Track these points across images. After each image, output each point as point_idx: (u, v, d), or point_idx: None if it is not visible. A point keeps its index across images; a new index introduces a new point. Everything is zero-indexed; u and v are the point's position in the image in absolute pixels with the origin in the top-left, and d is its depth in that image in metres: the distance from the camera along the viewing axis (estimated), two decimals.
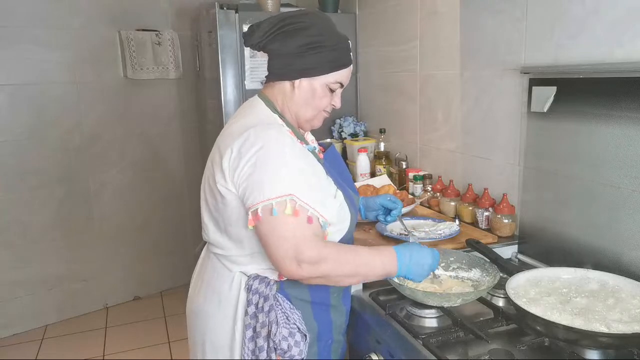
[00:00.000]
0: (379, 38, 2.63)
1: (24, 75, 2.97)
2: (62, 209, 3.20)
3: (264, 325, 1.12)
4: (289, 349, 1.13)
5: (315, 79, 1.18)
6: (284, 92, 1.21)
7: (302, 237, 1.05)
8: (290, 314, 1.15)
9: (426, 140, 2.29)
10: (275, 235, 1.06)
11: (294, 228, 1.05)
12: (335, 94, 1.23)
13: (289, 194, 1.05)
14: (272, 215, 1.04)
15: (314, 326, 1.21)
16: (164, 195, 3.55)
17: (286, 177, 1.06)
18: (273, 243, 1.06)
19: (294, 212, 1.05)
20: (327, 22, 1.20)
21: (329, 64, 1.18)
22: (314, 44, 1.15)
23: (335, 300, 1.27)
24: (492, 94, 1.82)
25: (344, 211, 1.19)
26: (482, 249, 1.50)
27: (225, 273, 1.20)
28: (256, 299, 1.14)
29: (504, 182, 1.77)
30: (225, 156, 1.11)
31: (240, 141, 1.10)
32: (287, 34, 1.15)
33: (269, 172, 1.06)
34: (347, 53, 1.22)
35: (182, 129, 3.53)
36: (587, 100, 1.38)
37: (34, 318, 3.18)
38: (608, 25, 1.34)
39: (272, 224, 1.05)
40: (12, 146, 3.00)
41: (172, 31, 3.38)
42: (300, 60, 1.16)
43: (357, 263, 1.12)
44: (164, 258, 3.60)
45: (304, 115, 1.22)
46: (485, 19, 1.80)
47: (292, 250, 1.05)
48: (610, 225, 1.34)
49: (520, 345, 1.09)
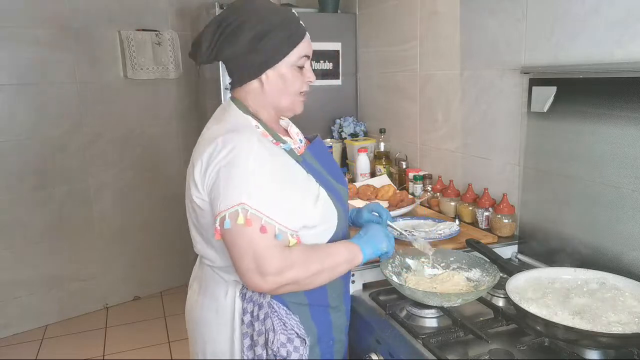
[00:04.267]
0: (379, 38, 2.63)
1: (24, 75, 2.98)
2: (62, 209, 3.20)
3: (261, 334, 1.10)
4: (289, 355, 1.10)
5: (278, 65, 1.13)
6: (254, 91, 1.16)
7: (261, 248, 1.01)
8: (287, 320, 1.12)
9: (426, 140, 2.29)
10: (235, 248, 1.03)
11: (249, 239, 1.01)
12: (305, 69, 1.18)
13: (240, 202, 1.01)
14: (226, 227, 1.01)
15: (313, 329, 1.19)
16: (164, 195, 3.55)
17: (239, 186, 1.02)
18: (234, 256, 1.04)
19: (246, 222, 1.00)
20: (261, 5, 1.13)
21: (285, 45, 1.12)
22: (261, 33, 1.10)
23: (335, 301, 1.25)
24: (492, 94, 1.82)
25: (329, 210, 1.16)
26: (482, 249, 1.50)
27: (220, 282, 1.18)
28: (251, 307, 1.12)
29: (504, 182, 1.77)
30: (197, 167, 1.09)
31: (209, 151, 1.06)
32: (229, 37, 1.11)
33: (227, 181, 1.03)
34: (297, 24, 1.14)
35: (182, 129, 3.53)
36: (587, 100, 1.38)
37: (34, 318, 3.18)
38: (608, 25, 1.34)
39: (229, 237, 1.03)
40: (12, 146, 3.00)
41: (172, 31, 3.38)
42: (255, 55, 1.11)
43: (322, 257, 1.10)
44: (164, 258, 3.60)
45: (283, 104, 1.18)
46: (485, 19, 1.80)
47: (252, 263, 1.01)
48: (610, 225, 1.34)
49: (520, 345, 1.09)
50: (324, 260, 1.10)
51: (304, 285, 1.09)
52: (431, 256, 1.41)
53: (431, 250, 1.39)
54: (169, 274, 3.61)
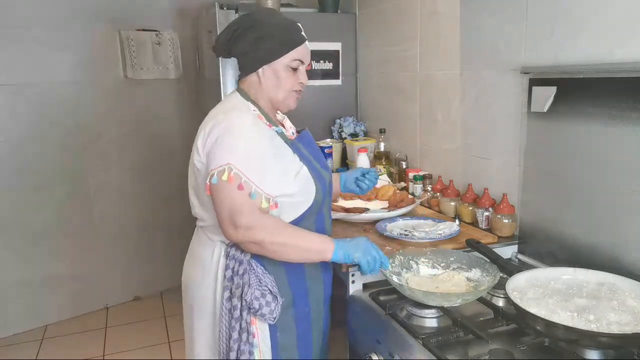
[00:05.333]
0: (379, 38, 2.63)
1: (24, 75, 2.97)
2: (62, 209, 3.20)
3: (238, 287, 1.27)
4: (260, 308, 1.26)
5: (274, 63, 1.33)
6: (253, 83, 1.37)
7: (237, 203, 1.21)
8: (263, 277, 1.29)
9: (426, 140, 2.29)
10: (217, 201, 1.23)
11: (228, 193, 1.21)
12: (299, 71, 1.37)
13: (227, 162, 1.20)
14: (213, 182, 1.21)
15: (289, 291, 1.35)
16: (164, 195, 3.55)
17: (229, 149, 1.22)
18: (216, 208, 1.25)
19: (229, 179, 1.20)
20: (270, 15, 1.37)
21: (282, 47, 1.32)
22: (263, 35, 1.31)
23: (313, 271, 1.40)
24: (492, 94, 1.82)
25: (309, 185, 1.33)
26: (482, 249, 1.50)
27: (208, 243, 1.36)
28: (233, 263, 1.29)
29: (504, 182, 1.77)
30: (200, 136, 1.29)
31: (212, 123, 1.27)
32: (239, 36, 1.33)
33: (221, 146, 1.23)
34: (298, 33, 1.35)
35: (182, 129, 3.53)
36: (587, 100, 1.38)
37: (34, 318, 3.18)
38: (608, 25, 1.34)
39: (214, 191, 1.23)
40: (12, 146, 2.99)
41: (172, 31, 3.38)
42: (256, 53, 1.32)
43: (292, 234, 1.26)
44: (164, 258, 3.59)
45: (277, 97, 1.37)
46: (485, 19, 1.80)
47: (227, 214, 1.22)
48: (610, 226, 1.34)
49: (520, 345, 1.09)
50: (293, 237, 1.26)
51: (267, 250, 1.24)
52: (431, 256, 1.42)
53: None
54: (169, 274, 3.60)
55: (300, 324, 1.39)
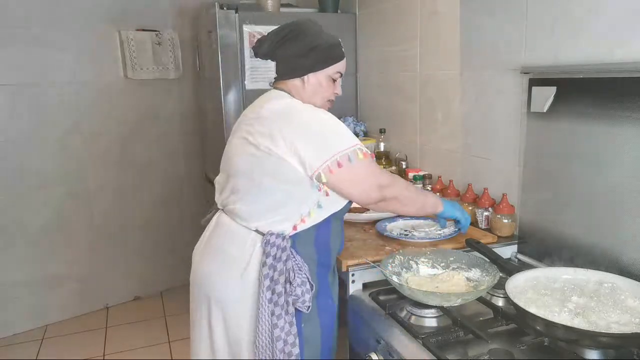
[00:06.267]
0: (379, 38, 2.63)
1: (24, 75, 2.97)
2: (62, 209, 3.19)
3: (282, 273, 1.30)
4: (302, 295, 1.31)
5: (319, 73, 1.42)
6: (295, 86, 1.43)
7: (377, 169, 1.39)
8: (302, 264, 1.34)
9: (426, 140, 2.29)
10: (358, 177, 1.34)
11: (369, 165, 1.35)
12: (337, 83, 1.47)
13: (354, 144, 1.32)
14: (351, 162, 1.30)
15: (316, 284, 1.38)
16: (164, 195, 3.55)
17: (342, 134, 1.33)
18: (358, 181, 1.35)
19: (364, 155, 1.33)
20: (317, 27, 1.45)
21: (328, 60, 1.42)
22: (313, 45, 1.39)
23: (335, 262, 1.47)
24: (492, 94, 1.82)
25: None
26: (482, 249, 1.50)
27: (241, 232, 1.37)
28: (274, 251, 1.30)
29: (503, 182, 1.77)
30: (273, 126, 1.32)
31: (289, 115, 1.34)
32: (289, 41, 1.40)
33: (331, 134, 1.33)
34: (340, 48, 1.45)
35: (182, 129, 3.53)
36: (587, 101, 1.38)
37: (34, 318, 3.17)
38: (608, 25, 1.34)
39: (350, 170, 1.31)
40: (12, 146, 2.99)
41: (172, 31, 3.37)
42: (305, 60, 1.40)
43: (411, 188, 1.49)
44: (164, 258, 3.59)
45: (316, 103, 1.43)
46: (485, 19, 1.80)
47: (374, 180, 1.36)
48: (610, 226, 1.34)
49: (520, 345, 1.09)
50: (413, 191, 1.49)
51: (401, 203, 1.43)
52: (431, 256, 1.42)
53: None
54: (169, 274, 3.61)
55: (322, 316, 1.40)
